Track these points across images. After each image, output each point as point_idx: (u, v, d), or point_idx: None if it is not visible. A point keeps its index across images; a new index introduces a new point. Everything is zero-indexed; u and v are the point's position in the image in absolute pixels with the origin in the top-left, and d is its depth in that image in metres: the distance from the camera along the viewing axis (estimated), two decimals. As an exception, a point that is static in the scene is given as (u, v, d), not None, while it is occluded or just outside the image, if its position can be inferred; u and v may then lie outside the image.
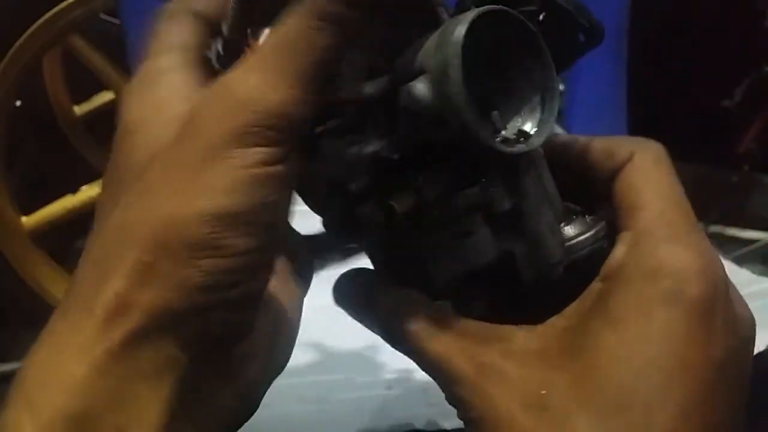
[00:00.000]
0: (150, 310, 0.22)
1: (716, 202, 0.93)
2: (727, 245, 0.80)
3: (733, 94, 0.97)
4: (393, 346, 0.29)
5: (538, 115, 0.26)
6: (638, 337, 0.24)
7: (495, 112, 0.25)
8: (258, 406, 0.28)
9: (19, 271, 0.88)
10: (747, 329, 0.27)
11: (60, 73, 0.99)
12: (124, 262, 0.22)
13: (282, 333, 0.28)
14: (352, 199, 0.27)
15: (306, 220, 0.30)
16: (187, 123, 0.24)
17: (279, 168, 0.23)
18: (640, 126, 0.96)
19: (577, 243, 0.28)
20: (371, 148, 0.26)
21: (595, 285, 0.26)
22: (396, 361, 0.50)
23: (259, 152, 0.23)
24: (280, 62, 0.24)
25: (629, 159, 0.28)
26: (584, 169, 0.29)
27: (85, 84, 1.00)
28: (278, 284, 0.28)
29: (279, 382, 0.48)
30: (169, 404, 0.22)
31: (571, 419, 0.24)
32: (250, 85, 0.23)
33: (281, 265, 0.28)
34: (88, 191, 0.88)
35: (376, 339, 0.32)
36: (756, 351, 0.43)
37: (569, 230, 0.28)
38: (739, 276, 0.66)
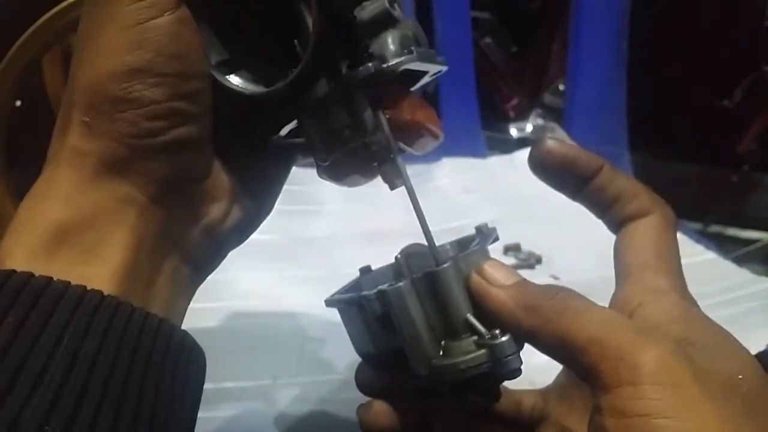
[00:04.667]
0: (99, 158, 0.25)
1: (716, 202, 0.93)
2: (727, 245, 0.80)
3: (733, 94, 0.97)
4: None
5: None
6: None
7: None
8: (225, 253, 0.31)
9: (19, 271, 0.87)
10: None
11: (60, 73, 0.99)
12: (73, 122, 0.26)
13: (247, 181, 0.31)
14: None
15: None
16: None
17: (166, 18, 0.26)
18: (640, 126, 0.96)
19: (458, 362, 0.26)
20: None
21: None
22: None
23: (141, 7, 0.25)
24: None
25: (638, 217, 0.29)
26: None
27: (85, 84, 0.99)
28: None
29: (279, 382, 0.48)
30: (133, 231, 0.26)
31: None
32: None
33: None
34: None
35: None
36: (756, 351, 0.43)
37: (455, 346, 0.27)
38: (739, 276, 0.66)
